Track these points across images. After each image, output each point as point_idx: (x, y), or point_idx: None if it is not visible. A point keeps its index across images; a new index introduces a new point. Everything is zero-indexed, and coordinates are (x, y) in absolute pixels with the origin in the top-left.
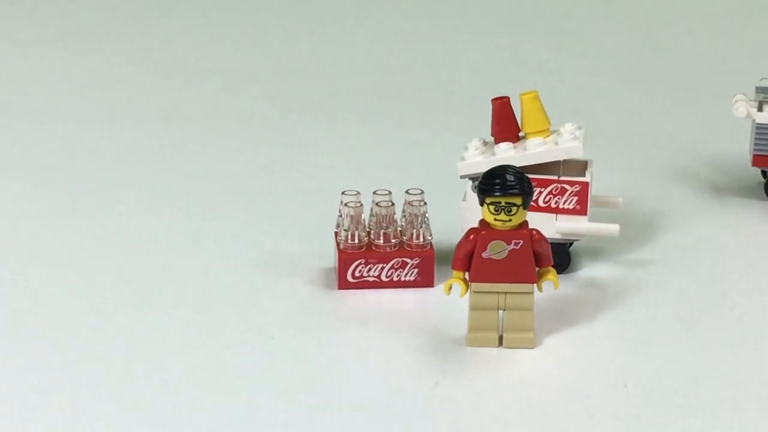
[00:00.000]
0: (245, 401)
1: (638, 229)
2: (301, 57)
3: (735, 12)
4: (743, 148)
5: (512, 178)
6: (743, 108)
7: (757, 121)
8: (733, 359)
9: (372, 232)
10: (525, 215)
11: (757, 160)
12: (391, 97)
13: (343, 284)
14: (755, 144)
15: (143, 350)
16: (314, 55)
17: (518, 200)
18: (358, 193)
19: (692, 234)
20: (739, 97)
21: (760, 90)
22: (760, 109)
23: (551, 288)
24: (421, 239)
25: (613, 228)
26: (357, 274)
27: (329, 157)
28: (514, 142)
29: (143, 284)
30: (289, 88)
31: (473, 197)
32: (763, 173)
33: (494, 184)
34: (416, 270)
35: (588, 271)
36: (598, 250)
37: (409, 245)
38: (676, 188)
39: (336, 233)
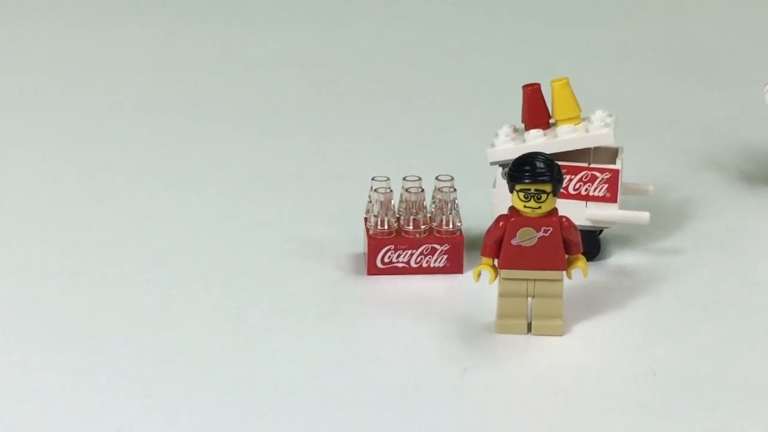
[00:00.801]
0: (274, 385)
1: (669, 218)
2: (331, 42)
3: None
4: None
5: (542, 165)
6: None
7: None
8: (763, 349)
9: (402, 218)
10: (555, 202)
11: None
12: (421, 83)
13: (373, 270)
14: None
15: (172, 335)
16: (344, 40)
17: (548, 187)
18: (388, 179)
19: (723, 223)
20: None
21: None
22: None
23: (581, 275)
24: (451, 225)
25: (644, 216)
26: (386, 260)
27: (359, 143)
28: (544, 129)
29: (173, 269)
30: (320, 73)
31: (503, 184)
32: None
33: (524, 171)
34: (445, 256)
35: (618, 258)
36: (628, 237)
37: (439, 231)
38: (707, 177)
39: (366, 219)
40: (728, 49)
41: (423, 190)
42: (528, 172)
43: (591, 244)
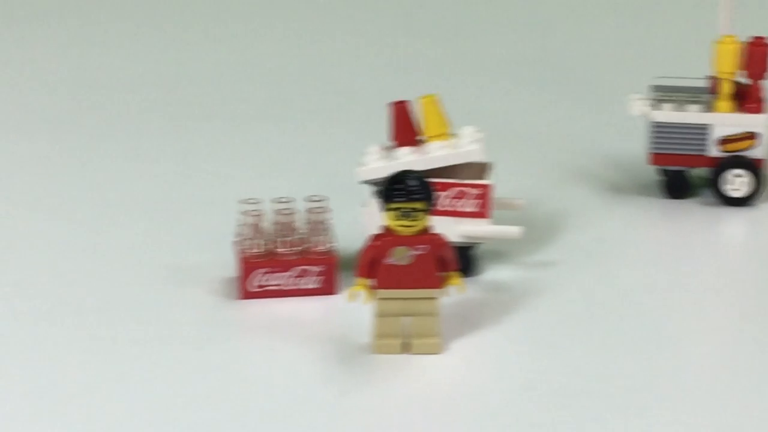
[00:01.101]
0: (150, 416)
1: (540, 231)
2: (193, 63)
3: (629, 10)
4: (640, 146)
5: (414, 183)
6: (639, 106)
7: (654, 119)
8: (639, 359)
9: (273, 240)
10: (428, 220)
11: (654, 158)
12: (290, 102)
13: (245, 294)
14: (652, 142)
15: (45, 366)
16: (207, 60)
17: (421, 205)
18: (259, 201)
19: (593, 234)
20: (635, 95)
21: (655, 88)
22: (656, 107)
23: (456, 292)
24: (324, 246)
25: (516, 230)
26: (259, 283)
27: (228, 165)
28: (414, 146)
29: (43, 298)
30: (184, 94)
31: (375, 203)
32: (661, 171)
33: (396, 190)
34: (319, 278)
35: (492, 274)
36: (502, 252)
37: (312, 253)
38: (576, 188)
39: (237, 243)
40: (592, 61)
41: (294, 212)
42: (400, 190)
43: (465, 260)
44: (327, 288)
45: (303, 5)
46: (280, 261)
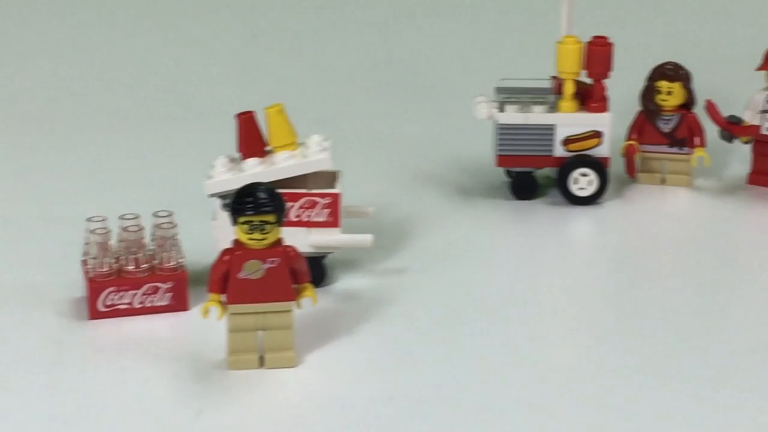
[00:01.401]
0: None
1: (391, 237)
2: (35, 76)
3: (472, 13)
4: (487, 148)
5: (264, 196)
6: (485, 109)
7: (499, 121)
8: (496, 363)
9: (121, 258)
10: (279, 232)
11: (501, 160)
12: (132, 115)
13: (95, 314)
14: (498, 144)
15: None
16: (48, 73)
17: (272, 218)
18: (105, 218)
19: (444, 238)
20: (480, 98)
21: (499, 90)
22: (501, 109)
23: (310, 304)
24: (173, 262)
25: (367, 238)
26: (108, 302)
27: (72, 181)
28: (261, 157)
29: None
30: (24, 108)
31: (224, 216)
32: (508, 173)
33: (246, 203)
34: (170, 294)
35: (345, 283)
36: (354, 261)
37: (161, 269)
38: (425, 193)
39: (84, 261)
40: (436, 64)
41: (142, 228)
42: (250, 203)
43: (317, 270)
44: (178, 305)
45: (145, 15)
46: (129, 279)
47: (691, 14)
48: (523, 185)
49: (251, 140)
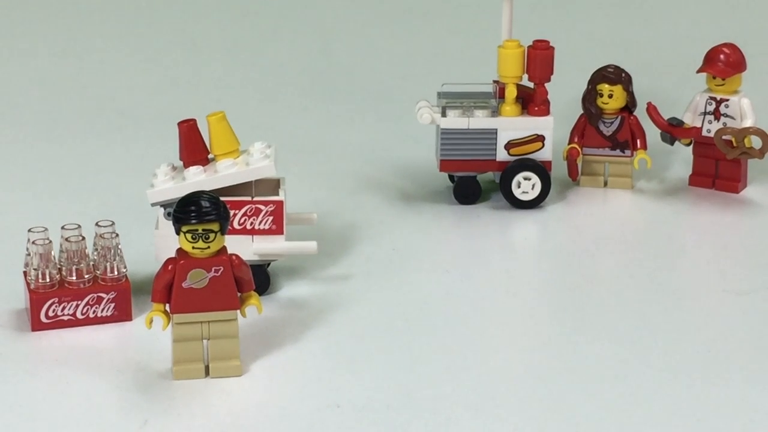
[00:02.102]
0: None
1: (335, 244)
2: None
3: (413, 18)
4: (430, 154)
5: (207, 204)
6: (427, 114)
7: (442, 126)
8: (442, 369)
9: (63, 268)
10: (223, 241)
11: (444, 165)
12: (70, 122)
13: (37, 325)
14: (441, 149)
15: None
16: None
17: (215, 226)
18: (46, 229)
19: (388, 244)
20: (422, 103)
21: (442, 95)
22: (443, 114)
23: (255, 312)
24: (116, 272)
25: (311, 245)
26: (51, 313)
27: (11, 191)
28: (204, 165)
29: None
30: None
31: (167, 225)
32: (451, 177)
33: (189, 212)
34: (113, 305)
35: (289, 290)
36: (297, 268)
37: (104, 279)
38: (368, 199)
39: (25, 273)
40: (378, 70)
41: (84, 238)
42: (194, 212)
43: (261, 278)
44: (121, 315)
45: (82, 21)
46: (71, 290)
47: (632, 17)
48: (467, 190)
49: (193, 148)
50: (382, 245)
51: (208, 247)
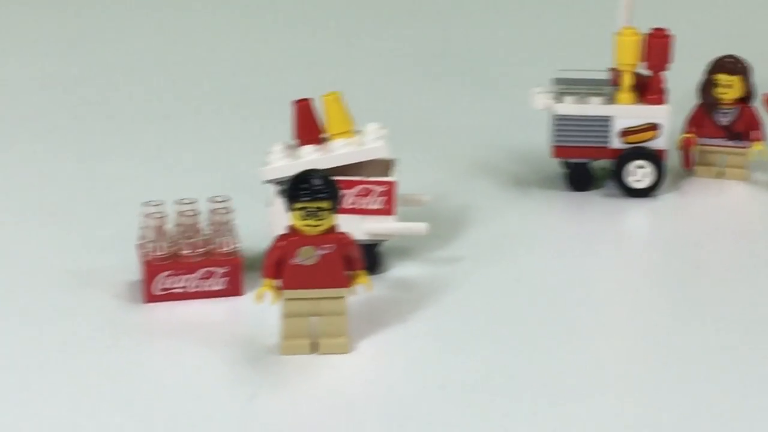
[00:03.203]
0: (56, 424)
1: (446, 226)
2: (96, 62)
3: (531, 3)
4: (543, 139)
5: (319, 182)
6: (542, 99)
7: (556, 112)
8: (549, 353)
9: (177, 242)
10: (334, 219)
11: (557, 151)
12: (192, 101)
13: (150, 297)
14: (554, 135)
15: None
16: (109, 59)
17: (327, 204)
18: (161, 203)
19: (499, 228)
20: (537, 88)
21: (557, 81)
22: (558, 100)
23: (363, 291)
24: (228, 247)
25: (421, 226)
26: (164, 286)
27: (130, 166)
28: (317, 144)
29: None
30: (85, 94)
31: (279, 202)
32: (564, 164)
33: (301, 189)
34: (225, 279)
35: (398, 271)
36: (408, 249)
37: (216, 254)
38: (480, 183)
39: (140, 245)
40: (495, 54)
41: (198, 213)
42: (306, 189)
43: (371, 257)
44: (232, 289)
45: (205, 3)
46: (185, 263)
47: (753, 7)
48: (579, 177)
49: (308, 127)
50: (492, 229)
51: (319, 225)
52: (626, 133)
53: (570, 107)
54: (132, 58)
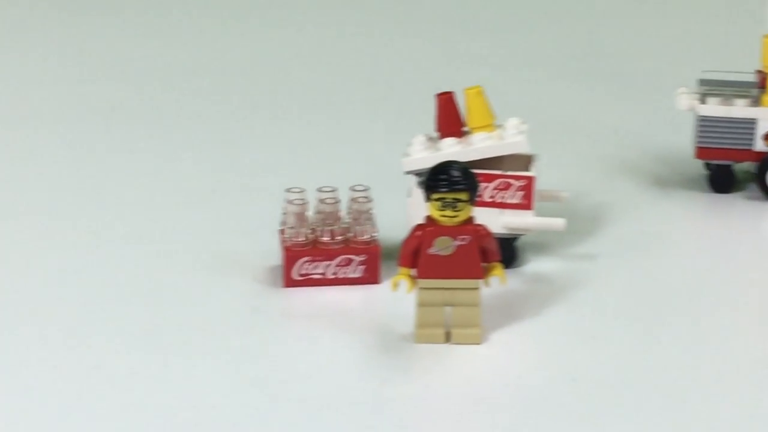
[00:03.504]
0: (193, 400)
1: (584, 223)
2: (244, 52)
3: (678, 4)
4: (686, 140)
5: (458, 174)
6: (686, 100)
7: (700, 113)
8: (679, 351)
9: (317, 229)
10: (471, 211)
11: (700, 152)
12: (335, 92)
13: (289, 282)
14: (698, 136)
15: (89, 351)
16: (256, 50)
17: (464, 196)
18: (303, 190)
19: (637, 227)
20: (682, 89)
21: (702, 82)
22: (702, 101)
23: (498, 283)
24: (367, 236)
25: (559, 222)
26: (303, 271)
27: (273, 155)
28: (458, 137)
29: (86, 284)
30: (232, 84)
31: (419, 193)
32: (707, 165)
33: (440, 180)
34: (362, 267)
35: (534, 265)
36: (545, 244)
37: (355, 242)
38: (620, 182)
39: (281, 231)
40: (639, 54)
41: (338, 201)
42: (444, 180)
43: (507, 251)
44: (370, 277)
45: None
46: (324, 250)
47: None
48: (722, 179)
49: (450, 120)
50: (630, 228)
51: (456, 216)
52: None
53: (714, 108)
54: (280, 49)
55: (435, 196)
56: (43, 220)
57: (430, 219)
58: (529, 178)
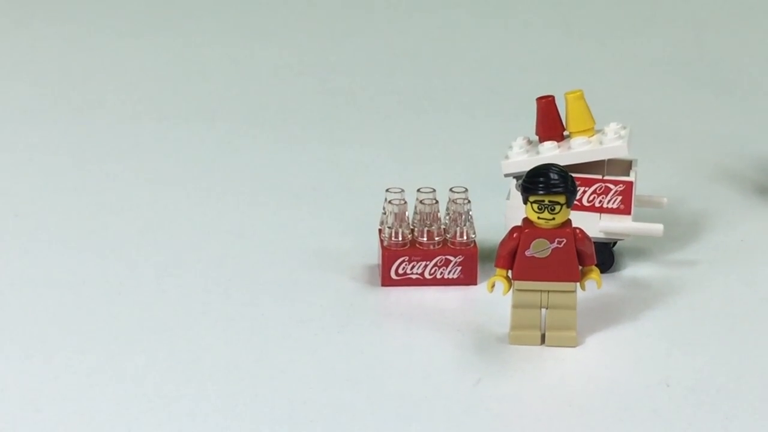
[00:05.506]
0: (290, 396)
1: (683, 230)
2: (347, 53)
3: None
4: None
5: (556, 177)
6: None
7: None
8: None
9: (416, 229)
10: (568, 214)
11: None
12: (437, 94)
13: (387, 281)
14: None
15: (188, 345)
16: (360, 51)
17: (562, 199)
18: (403, 190)
19: (737, 235)
20: None
21: None
22: None
23: (594, 287)
24: (465, 237)
25: (657, 228)
26: (400, 271)
27: (374, 155)
28: (558, 141)
29: (190, 279)
30: (336, 84)
31: (517, 196)
32: None
33: (538, 183)
34: (459, 268)
35: (632, 270)
36: (642, 249)
37: (453, 243)
38: (721, 189)
39: (380, 230)
40: (742, 60)
41: (437, 202)
42: (542, 183)
43: (605, 255)
44: (467, 278)
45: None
46: (422, 250)
47: None
48: None
49: (550, 124)
50: (730, 235)
51: (553, 219)
52: None
53: None
54: (379, 52)
55: (532, 198)
56: (150, 216)
57: (527, 221)
58: (628, 183)
